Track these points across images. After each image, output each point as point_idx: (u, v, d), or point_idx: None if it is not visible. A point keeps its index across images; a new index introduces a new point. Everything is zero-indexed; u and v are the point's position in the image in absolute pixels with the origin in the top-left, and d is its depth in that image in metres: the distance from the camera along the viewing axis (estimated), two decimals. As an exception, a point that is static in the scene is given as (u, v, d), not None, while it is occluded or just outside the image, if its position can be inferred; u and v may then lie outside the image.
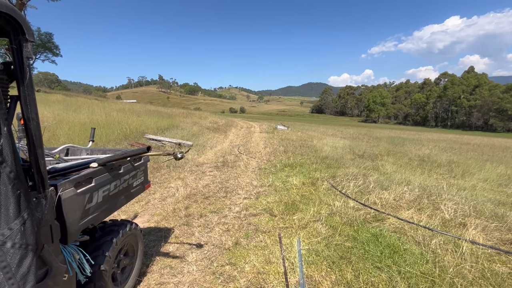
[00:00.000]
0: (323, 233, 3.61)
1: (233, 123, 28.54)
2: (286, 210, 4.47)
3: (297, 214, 4.29)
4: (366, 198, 5.10)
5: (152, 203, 4.91)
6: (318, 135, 20.82)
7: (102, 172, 2.04)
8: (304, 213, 4.29)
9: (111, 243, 2.14)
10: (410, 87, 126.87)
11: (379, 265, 2.87)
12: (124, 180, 2.34)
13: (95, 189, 1.93)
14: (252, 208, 4.71)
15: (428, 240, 3.49)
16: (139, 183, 2.64)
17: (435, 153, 13.16)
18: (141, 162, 2.62)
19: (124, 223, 2.44)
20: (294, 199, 4.96)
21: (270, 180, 6.43)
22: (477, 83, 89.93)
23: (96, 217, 1.97)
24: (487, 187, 6.82)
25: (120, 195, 2.30)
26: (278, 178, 6.62)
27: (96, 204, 1.96)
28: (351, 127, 41.79)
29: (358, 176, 6.62)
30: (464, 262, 3.04)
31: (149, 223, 4.07)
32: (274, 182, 6.26)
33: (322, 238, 3.47)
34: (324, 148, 12.37)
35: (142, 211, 4.58)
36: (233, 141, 14.67)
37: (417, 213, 4.51)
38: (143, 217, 4.31)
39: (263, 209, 4.61)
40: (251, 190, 5.74)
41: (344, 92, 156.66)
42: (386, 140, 19.23)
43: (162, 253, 3.23)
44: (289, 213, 4.36)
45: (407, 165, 9.53)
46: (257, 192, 5.60)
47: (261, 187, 5.96)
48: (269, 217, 4.29)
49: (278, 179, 6.52)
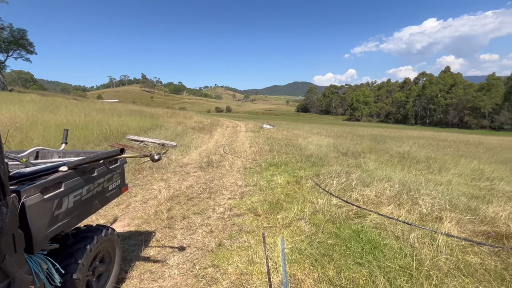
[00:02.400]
0: (307, 231, 3.64)
1: (219, 123, 28.31)
2: (271, 209, 4.47)
3: (281, 213, 4.30)
4: (349, 195, 5.20)
5: (133, 206, 4.76)
6: (304, 133, 21.06)
7: (73, 176, 1.93)
8: (288, 212, 4.31)
9: (84, 250, 2.04)
10: (391, 86, 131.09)
11: (360, 261, 2.93)
12: (98, 183, 2.24)
13: (64, 194, 1.83)
14: (237, 208, 4.68)
15: (406, 235, 3.59)
16: (116, 186, 2.54)
17: (415, 150, 13.66)
18: (117, 165, 2.52)
19: (100, 228, 2.34)
20: (279, 198, 4.98)
21: (255, 179, 6.42)
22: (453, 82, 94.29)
23: (66, 223, 1.87)
24: (462, 182, 7.15)
25: (94, 199, 2.20)
26: (263, 177, 6.62)
27: (67, 210, 1.86)
28: (335, 126, 42.65)
29: (342, 174, 6.74)
30: (440, 255, 3.16)
31: (129, 227, 3.94)
32: (259, 181, 6.26)
33: (305, 237, 3.50)
34: (309, 146, 12.52)
35: (122, 214, 4.43)
36: (219, 141, 14.55)
37: (397, 208, 4.64)
38: (123, 221, 4.17)
39: (247, 209, 4.59)
40: (236, 190, 5.70)
41: (328, 91, 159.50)
42: (369, 138, 19.76)
43: (142, 257, 3.13)
44: (273, 212, 4.36)
45: (388, 162, 9.82)
46: (242, 192, 5.57)
47: (246, 186, 5.94)
48: (253, 217, 4.28)
49: (263, 178, 6.52)
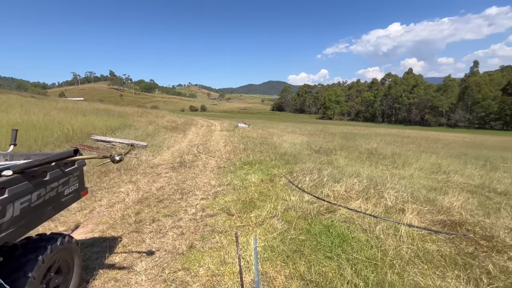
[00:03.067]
0: (279, 228, 3.67)
1: (193, 122, 27.71)
2: (244, 208, 4.45)
3: (255, 211, 4.30)
4: (320, 191, 5.35)
5: (98, 211, 4.47)
6: (278, 132, 21.33)
7: (20, 181, 1.75)
8: (261, 210, 4.32)
9: (35, 262, 1.86)
10: (360, 86, 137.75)
11: (329, 254, 3.01)
12: (52, 188, 2.05)
13: (8, 201, 1.64)
14: (209, 208, 4.59)
15: (373, 227, 3.78)
16: (73, 190, 2.34)
17: (382, 147, 14.46)
18: (74, 167, 2.33)
19: (54, 237, 2.14)
20: (252, 197, 4.97)
21: (228, 178, 6.36)
22: (415, 83, 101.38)
23: (12, 233, 1.68)
24: (422, 175, 7.69)
25: (47, 205, 2.01)
26: (237, 176, 6.59)
27: (12, 219, 1.67)
28: (309, 124, 43.80)
29: (314, 171, 6.91)
30: (402, 244, 3.36)
31: (93, 233, 3.69)
32: (232, 180, 6.21)
33: (277, 234, 3.53)
34: (283, 144, 12.70)
35: (86, 220, 4.14)
36: (192, 140, 14.23)
37: (364, 202, 4.86)
38: (86, 227, 3.89)
39: (220, 209, 4.53)
40: (209, 190, 5.60)
41: (302, 90, 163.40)
42: (340, 136, 20.55)
43: (106, 265, 2.94)
44: (246, 211, 4.34)
45: (358, 158, 10.29)
46: (215, 192, 5.49)
47: (219, 186, 5.86)
48: (227, 216, 4.23)
49: (237, 177, 6.48)
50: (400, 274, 2.70)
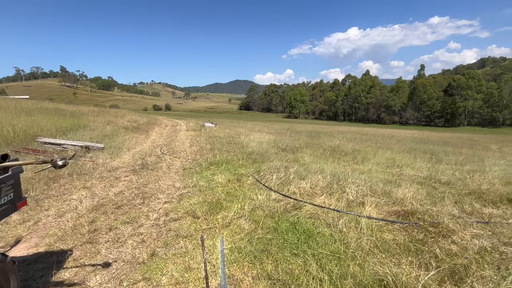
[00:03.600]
0: (246, 228, 3.63)
1: (157, 122, 26.45)
2: (210, 210, 4.33)
3: (221, 212, 4.20)
4: (287, 189, 5.44)
5: (44, 222, 3.99)
6: (246, 131, 21.35)
7: None
8: (228, 211, 4.24)
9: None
10: (323, 86, 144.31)
11: (296, 251, 3.05)
12: (-24, 200, 1.74)
13: None
14: (174, 212, 4.38)
15: (336, 221, 3.93)
16: (7, 201, 2.03)
17: (343, 144, 15.27)
18: (7, 175, 2.02)
19: (-19, 257, 1.83)
20: (219, 198, 4.86)
21: (194, 180, 6.14)
22: (371, 84, 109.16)
23: None
24: (379, 170, 8.27)
25: (-30, 221, 1.71)
26: (203, 177, 6.40)
27: None
28: (276, 123, 44.62)
29: (281, 169, 7.01)
30: (362, 236, 3.54)
31: (38, 248, 3.27)
32: (198, 182, 6.01)
33: (245, 234, 3.48)
34: (251, 144, 12.72)
35: (29, 233, 3.66)
36: (156, 141, 13.55)
37: (328, 197, 5.05)
38: (29, 242, 3.44)
39: (185, 212, 4.34)
40: (173, 193, 5.35)
41: (269, 90, 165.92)
42: (305, 134, 21.27)
43: (53, 283, 2.62)
44: (213, 213, 4.23)
45: (322, 155, 10.71)
46: (180, 194, 5.26)
47: (184, 188, 5.63)
48: (192, 219, 4.07)
49: (203, 178, 6.30)
50: (361, 265, 2.83)
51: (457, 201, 5.46)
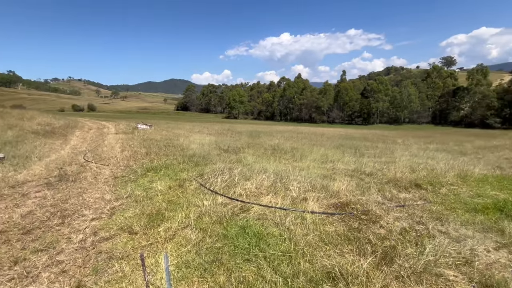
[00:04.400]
0: (193, 239, 3.36)
1: (78, 124, 22.86)
2: (150, 223, 3.88)
3: (164, 224, 3.81)
4: (233, 191, 5.32)
5: None
6: (185, 132, 20.37)
7: None
8: (171, 221, 3.87)
9: None
10: (260, 88, 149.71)
11: (248, 257, 2.97)
12: None
13: None
14: (104, 230, 3.76)
15: (283, 219, 4.01)
16: None
17: (282, 142, 16.05)
18: None
19: None
20: (160, 208, 4.41)
21: (129, 190, 5.45)
22: (303, 86, 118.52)
23: None
24: (316, 165, 8.94)
25: None
26: (140, 185, 5.75)
27: None
28: (216, 123, 44.06)
29: (225, 171, 6.85)
30: (309, 231, 3.70)
31: None
32: (134, 191, 5.36)
33: (192, 246, 3.22)
34: (191, 146, 12.16)
35: None
36: (78, 147, 11.65)
37: (274, 196, 5.15)
38: None
39: (119, 228, 3.78)
40: (103, 207, 4.62)
41: (207, 90, 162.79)
42: (246, 134, 21.58)
43: None
44: (153, 226, 3.79)
45: (263, 154, 10.99)
46: (112, 208, 4.57)
47: (116, 200, 4.93)
48: (128, 236, 3.56)
49: (139, 186, 5.65)
50: (311, 261, 2.93)
51: (379, 189, 6.30)
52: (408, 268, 2.87)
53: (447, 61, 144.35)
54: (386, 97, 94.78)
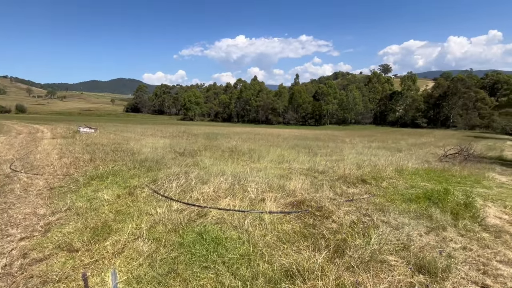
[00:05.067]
0: (145, 251, 3.12)
1: (3, 128, 19.60)
2: (95, 237, 3.49)
3: (111, 237, 3.46)
4: (190, 196, 5.13)
5: None
6: (136, 136, 19.02)
7: None
8: (120, 233, 3.54)
9: None
10: (217, 89, 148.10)
11: (206, 264, 2.87)
12: None
13: None
14: (37, 250, 3.26)
15: (242, 222, 3.99)
16: None
17: (240, 144, 16.08)
18: None
19: None
20: (106, 219, 4.00)
21: (68, 202, 4.83)
22: (259, 88, 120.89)
23: None
24: (273, 166, 9.16)
25: None
26: (82, 196, 5.15)
27: None
28: (170, 126, 42.10)
29: (181, 175, 6.57)
30: (267, 232, 3.75)
31: None
32: (75, 203, 4.78)
33: (144, 258, 2.98)
34: (143, 150, 11.40)
35: None
36: (2, 155, 9.95)
37: (232, 199, 5.11)
38: None
39: (56, 246, 3.31)
40: (35, 224, 4.01)
41: (160, 90, 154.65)
42: (203, 136, 21.08)
43: None
44: (99, 240, 3.42)
45: (221, 157, 10.85)
46: (47, 224, 4.00)
47: (53, 215, 4.32)
48: (67, 255, 3.14)
49: (82, 197, 5.06)
50: (269, 262, 2.97)
51: (331, 186, 6.73)
52: (357, 259, 3.11)
53: (384, 68, 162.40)
54: (335, 100, 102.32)
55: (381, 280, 2.77)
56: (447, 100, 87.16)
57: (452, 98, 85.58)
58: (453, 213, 4.91)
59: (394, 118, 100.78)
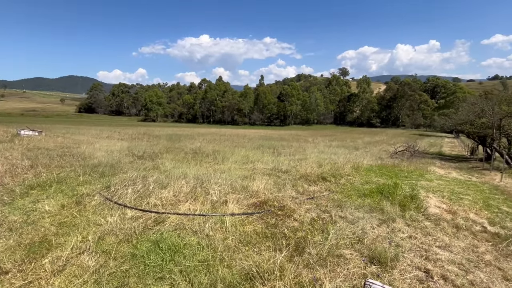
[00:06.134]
0: (92, 266, 2.82)
1: None
2: (30, 255, 3.05)
3: (50, 254, 3.06)
4: (147, 202, 4.82)
5: None
6: (89, 139, 17.46)
7: None
8: (61, 249, 3.15)
9: None
10: (180, 89, 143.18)
11: (160, 274, 2.69)
12: None
13: None
14: (-47, 276, 2.74)
15: (203, 226, 3.86)
16: None
17: (204, 145, 15.71)
18: None
19: None
20: (46, 234, 3.55)
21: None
22: (225, 89, 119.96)
23: None
24: (237, 167, 9.09)
25: None
26: (17, 208, 4.50)
27: None
28: (130, 127, 39.55)
29: (138, 180, 6.16)
30: (228, 235, 3.67)
31: None
32: (7, 217, 4.16)
33: (90, 274, 2.69)
34: (97, 153, 10.49)
35: None
36: None
37: (193, 203, 4.92)
38: None
39: (-21, 270, 2.83)
40: (-47, 245, 3.39)
41: (118, 89, 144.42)
42: (165, 138, 20.17)
43: None
44: (35, 258, 3.00)
45: (184, 159, 10.46)
46: (-32, 244, 3.40)
47: (-23, 233, 3.70)
48: (-6, 278, 2.70)
49: (17, 210, 4.43)
50: (229, 266, 2.89)
51: (294, 185, 6.89)
52: (315, 255, 3.19)
53: (343, 72, 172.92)
54: (298, 101, 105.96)
55: (337, 274, 2.88)
56: (397, 102, 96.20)
57: (401, 100, 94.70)
58: (401, 205, 5.35)
59: (352, 118, 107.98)
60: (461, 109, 19.21)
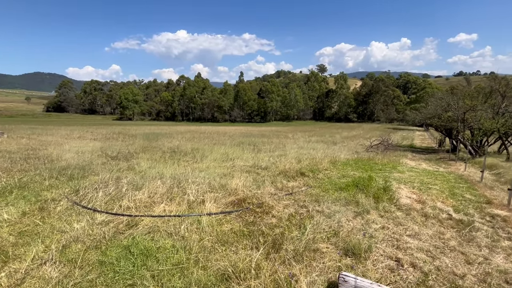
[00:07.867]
0: (54, 277, 2.62)
1: None
2: (-16, 269, 2.79)
3: (7, 267, 2.81)
4: (119, 205, 4.59)
5: None
6: (58, 139, 16.43)
7: None
8: (20, 261, 2.91)
9: None
10: (158, 86, 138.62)
11: (131, 281, 2.56)
12: None
13: None
14: None
15: (178, 228, 3.74)
16: None
17: (183, 144, 15.34)
18: None
19: None
20: (3, 245, 3.25)
21: None
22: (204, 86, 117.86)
23: None
24: (216, 165, 8.96)
25: None
26: (-30, 218, 4.11)
27: None
28: (104, 127, 37.72)
29: (110, 182, 5.88)
30: (204, 235, 3.59)
31: None
32: (-42, 228, 3.77)
33: (52, 286, 2.49)
34: (66, 155, 9.89)
35: None
36: None
37: (169, 204, 4.76)
38: None
39: None
40: None
41: (90, 87, 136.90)
42: (142, 137, 19.44)
43: None
44: (-12, 273, 2.74)
45: (161, 158, 10.14)
46: None
47: None
48: None
49: (-30, 220, 4.04)
50: (204, 267, 2.82)
51: (273, 181, 6.91)
52: (292, 251, 3.20)
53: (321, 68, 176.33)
54: (278, 97, 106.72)
55: (313, 268, 2.91)
56: (372, 97, 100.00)
57: (376, 96, 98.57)
58: (375, 197, 5.54)
59: (331, 114, 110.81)
60: (430, 104, 20.34)
